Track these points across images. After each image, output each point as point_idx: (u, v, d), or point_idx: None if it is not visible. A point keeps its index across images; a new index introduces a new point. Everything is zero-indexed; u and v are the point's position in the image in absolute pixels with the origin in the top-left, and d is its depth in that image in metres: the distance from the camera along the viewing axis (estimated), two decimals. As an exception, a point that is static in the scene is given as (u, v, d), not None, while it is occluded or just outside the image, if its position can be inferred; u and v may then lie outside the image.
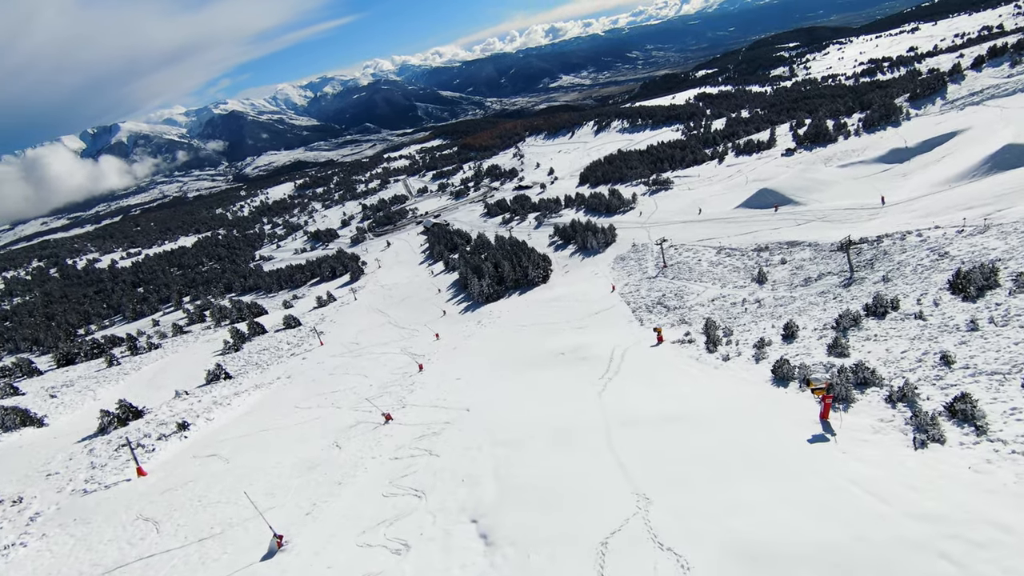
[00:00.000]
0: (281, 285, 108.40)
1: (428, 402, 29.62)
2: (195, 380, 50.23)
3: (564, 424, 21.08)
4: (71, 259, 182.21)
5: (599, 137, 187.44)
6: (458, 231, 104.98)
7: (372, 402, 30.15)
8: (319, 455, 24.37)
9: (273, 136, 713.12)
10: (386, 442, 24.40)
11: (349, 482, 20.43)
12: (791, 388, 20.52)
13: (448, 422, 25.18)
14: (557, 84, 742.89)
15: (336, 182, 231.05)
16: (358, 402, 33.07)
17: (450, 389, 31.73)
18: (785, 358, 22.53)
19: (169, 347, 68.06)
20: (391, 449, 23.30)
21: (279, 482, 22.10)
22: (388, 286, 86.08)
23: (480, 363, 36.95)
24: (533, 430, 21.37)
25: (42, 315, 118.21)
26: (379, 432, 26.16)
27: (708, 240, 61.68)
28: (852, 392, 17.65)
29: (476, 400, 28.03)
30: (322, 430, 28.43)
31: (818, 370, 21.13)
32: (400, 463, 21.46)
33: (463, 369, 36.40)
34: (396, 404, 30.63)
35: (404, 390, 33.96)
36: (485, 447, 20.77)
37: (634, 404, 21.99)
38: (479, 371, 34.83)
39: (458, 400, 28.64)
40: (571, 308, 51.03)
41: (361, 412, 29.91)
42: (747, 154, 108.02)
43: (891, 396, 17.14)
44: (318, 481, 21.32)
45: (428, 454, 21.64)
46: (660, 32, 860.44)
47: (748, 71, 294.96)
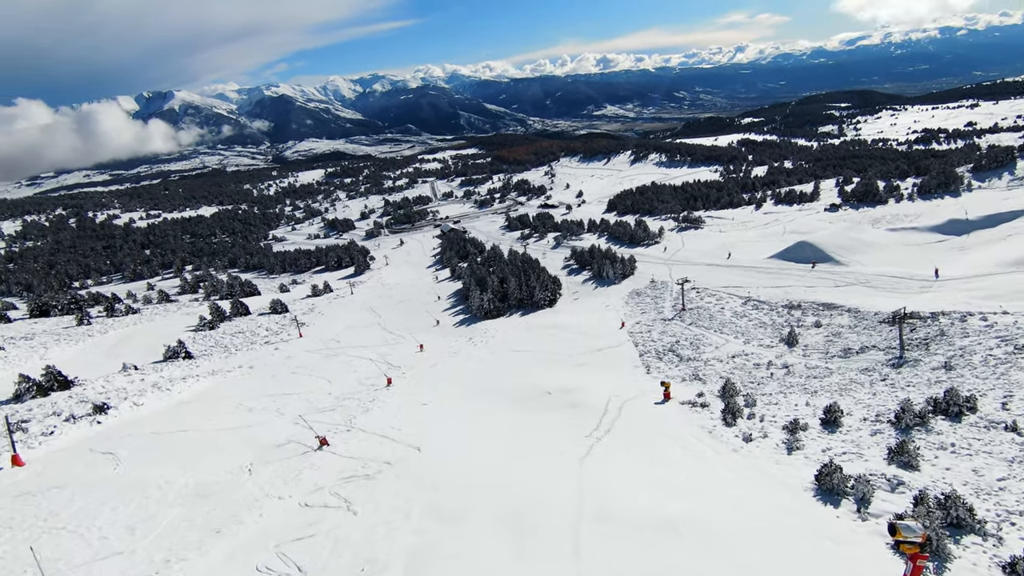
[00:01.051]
0: (284, 268, 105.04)
1: (378, 429, 24.60)
2: (156, 354, 46.01)
3: (524, 500, 15.85)
4: (92, 212, 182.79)
5: (634, 167, 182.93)
6: (473, 240, 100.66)
7: (309, 420, 25.18)
8: (221, 479, 19.44)
9: (317, 124, 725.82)
10: (307, 476, 19.40)
11: (230, 533, 15.39)
12: (845, 509, 14.87)
13: (389, 463, 20.09)
14: (601, 113, 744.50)
15: (366, 175, 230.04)
16: (306, 412, 28.19)
17: (410, 416, 26.70)
18: (832, 459, 17.00)
19: (147, 314, 64.30)
20: (307, 489, 18.28)
21: (153, 510, 17.20)
22: (389, 285, 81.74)
23: (455, 390, 31.89)
24: (483, 499, 16.19)
25: (45, 263, 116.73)
26: (307, 460, 21.19)
27: (735, 288, 56.05)
28: (944, 541, 12.03)
29: (433, 437, 22.95)
30: (246, 443, 23.55)
31: (880, 484, 15.59)
32: (306, 514, 16.41)
33: (434, 393, 31.38)
34: (342, 425, 25.66)
35: (360, 407, 29.01)
36: (414, 513, 15.63)
37: (622, 487, 16.65)
38: (450, 399, 29.76)
39: (413, 433, 23.58)
40: (573, 340, 45.74)
41: (301, 427, 24.99)
42: (787, 204, 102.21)
43: (1013, 566, 11.24)
44: (196, 521, 16.35)
45: (346, 507, 16.57)
46: (710, 76, 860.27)
47: (795, 124, 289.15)
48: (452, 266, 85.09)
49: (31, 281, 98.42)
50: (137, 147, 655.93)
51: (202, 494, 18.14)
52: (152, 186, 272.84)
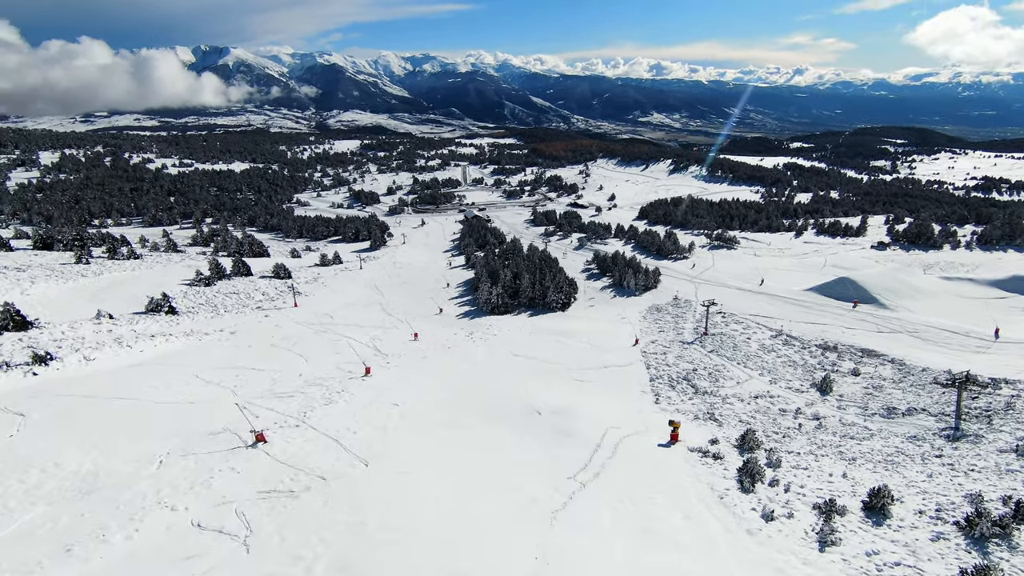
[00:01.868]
0: (301, 233, 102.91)
1: (332, 429, 21.11)
2: (139, 304, 43.58)
3: (468, 569, 12.06)
4: (128, 154, 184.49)
5: (672, 177, 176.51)
6: (495, 229, 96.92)
7: (263, 406, 21.87)
8: (121, 470, 16.17)
9: (364, 97, 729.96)
10: (220, 483, 15.98)
11: (80, 555, 12.01)
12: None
13: (324, 478, 16.52)
14: (647, 119, 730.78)
15: (400, 151, 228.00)
16: (263, 395, 24.92)
17: (374, 418, 23.17)
18: (881, 572, 12.78)
19: (148, 261, 62.33)
20: (211, 501, 14.83)
21: (12, 505, 13.97)
22: (401, 264, 78.59)
23: (435, 392, 28.24)
24: (416, 557, 12.45)
25: (72, 196, 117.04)
26: (232, 459, 17.79)
27: (765, 318, 51.21)
28: None
29: (388, 450, 19.36)
30: (177, 425, 20.31)
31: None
32: (190, 540, 12.96)
33: (411, 392, 27.80)
34: (294, 417, 22.25)
35: (324, 397, 25.61)
36: (319, 568, 11.97)
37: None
38: (427, 403, 26.13)
39: (368, 441, 20.05)
40: (579, 351, 41.70)
41: (246, 413, 21.63)
42: (830, 235, 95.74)
43: None
44: (55, 528, 13.01)
45: (242, 539, 13.04)
46: (764, 95, 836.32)
47: (847, 155, 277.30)
48: (468, 254, 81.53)
49: (52, 213, 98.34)
50: (188, 97, 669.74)
51: (86, 489, 14.87)
52: (193, 136, 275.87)
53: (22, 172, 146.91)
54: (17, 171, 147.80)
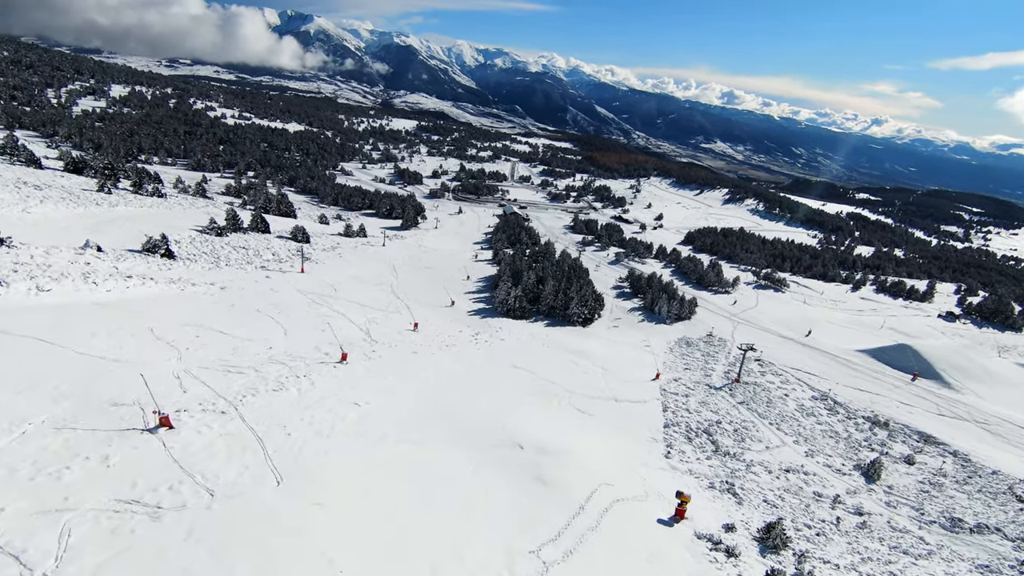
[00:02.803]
0: (336, 201, 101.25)
1: (263, 424, 17.33)
2: (138, 242, 41.28)
3: None
4: (193, 99, 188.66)
5: (726, 207, 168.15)
6: (531, 229, 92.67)
7: (206, 379, 18.37)
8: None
9: (432, 81, 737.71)
10: (71, 477, 12.36)
11: None
12: None
13: (213, 494, 12.66)
14: (709, 146, 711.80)
15: (454, 138, 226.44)
16: (207, 365, 21.47)
17: (320, 418, 19.31)
18: None
19: (170, 202, 60.87)
20: (38, 506, 11.11)
21: None
22: (426, 248, 75.30)
23: (410, 396, 24.24)
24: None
25: (127, 130, 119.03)
26: (115, 444, 14.15)
27: (808, 374, 45.32)
28: None
29: (316, 468, 15.41)
30: (81, 386, 16.92)
31: None
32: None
33: (382, 392, 23.89)
34: (226, 400, 18.62)
35: (278, 381, 21.98)
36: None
37: None
38: (392, 409, 22.15)
39: (300, 446, 16.22)
40: (591, 375, 37.03)
41: (181, 385, 18.13)
42: (891, 296, 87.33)
43: None
44: None
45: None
46: (835, 140, 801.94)
47: (916, 214, 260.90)
48: (497, 249, 77.58)
49: (103, 141, 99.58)
50: (266, 58, 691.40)
51: None
52: (258, 93, 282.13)
53: (90, 100, 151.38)
54: (86, 99, 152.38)
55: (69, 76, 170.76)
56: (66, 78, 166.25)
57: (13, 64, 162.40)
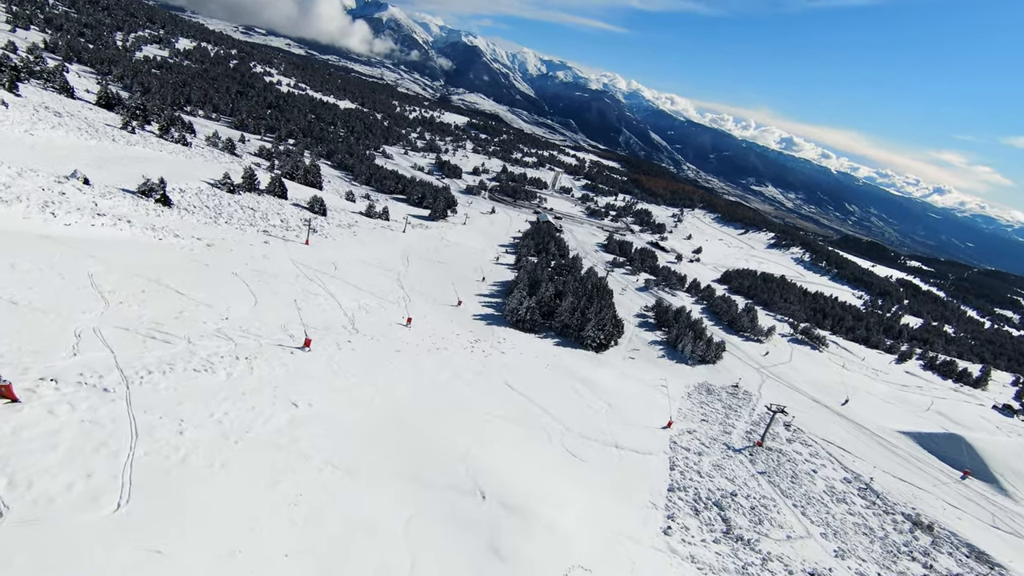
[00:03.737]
0: (369, 181, 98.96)
1: (152, 412, 13.49)
2: (137, 183, 38.62)
3: None
4: (254, 63, 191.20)
5: (769, 251, 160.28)
6: (561, 240, 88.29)
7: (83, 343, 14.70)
8: None
9: (492, 84, 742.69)
10: None
11: None
12: None
13: (2, 514, 8.59)
14: (759, 189, 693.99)
15: (502, 139, 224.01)
16: (133, 325, 17.87)
17: (235, 415, 15.40)
18: None
19: (193, 152, 58.78)
20: None
21: None
22: (448, 242, 71.72)
23: (365, 406, 20.23)
24: None
25: (180, 80, 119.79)
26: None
27: (841, 450, 39.66)
28: None
29: (185, 489, 11.43)
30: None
31: None
32: None
33: (333, 395, 19.92)
34: (126, 375, 14.82)
35: (209, 358, 18.20)
36: None
37: None
38: (337, 420, 18.12)
39: (184, 453, 12.30)
40: (593, 412, 32.39)
41: (76, 346, 14.51)
42: (940, 375, 79.48)
43: None
44: None
45: None
46: (892, 203, 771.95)
47: (970, 291, 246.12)
48: (521, 255, 73.49)
49: (152, 86, 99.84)
50: (337, 38, 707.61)
51: None
52: (319, 67, 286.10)
53: (155, 48, 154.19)
54: (151, 46, 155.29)
55: (141, 23, 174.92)
56: (137, 24, 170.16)
57: (90, 3, 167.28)
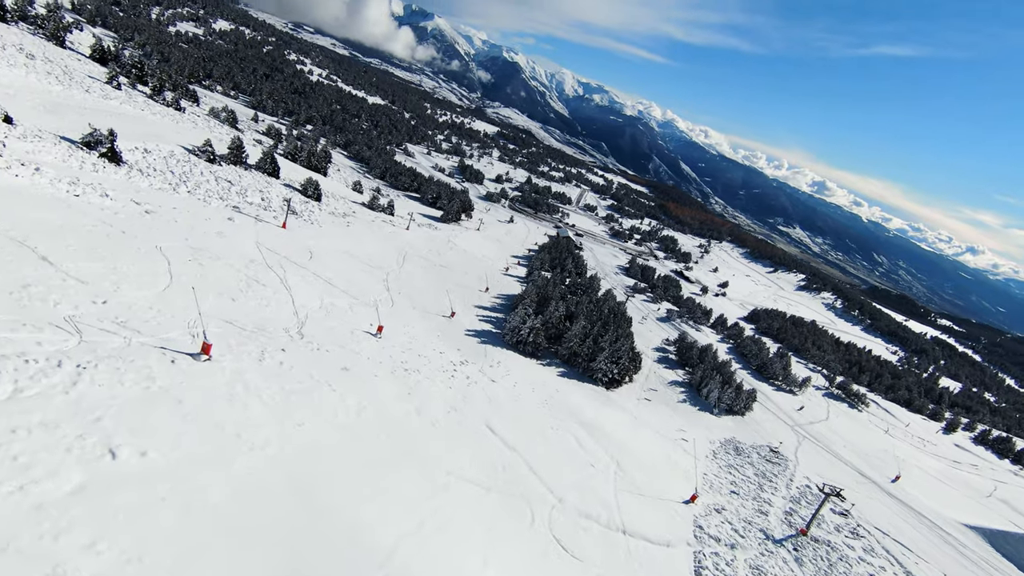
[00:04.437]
0: (383, 175, 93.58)
1: None
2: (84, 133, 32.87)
3: None
4: (289, 52, 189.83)
5: (799, 294, 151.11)
6: (579, 258, 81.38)
7: None
8: None
9: (528, 101, 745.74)
10: None
11: None
12: None
13: None
14: (786, 230, 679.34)
15: (529, 152, 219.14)
16: None
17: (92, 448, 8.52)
18: None
19: (182, 117, 53.35)
20: None
21: None
22: (455, 247, 65.35)
23: (244, 466, 13.42)
24: None
25: (205, 56, 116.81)
26: None
27: (900, 545, 31.66)
28: None
29: None
30: None
31: None
32: None
33: (195, 440, 13.20)
34: None
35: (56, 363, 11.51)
36: None
37: None
38: (177, 497, 11.34)
39: None
40: (597, 473, 25.19)
41: None
42: (996, 453, 70.09)
43: None
44: None
45: None
46: (922, 258, 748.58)
47: (1005, 357, 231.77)
48: (533, 268, 66.80)
49: (173, 56, 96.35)
50: (381, 42, 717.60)
51: None
52: (355, 63, 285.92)
53: (190, 26, 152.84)
54: (187, 23, 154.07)
55: (182, 2, 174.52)
56: (177, 2, 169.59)
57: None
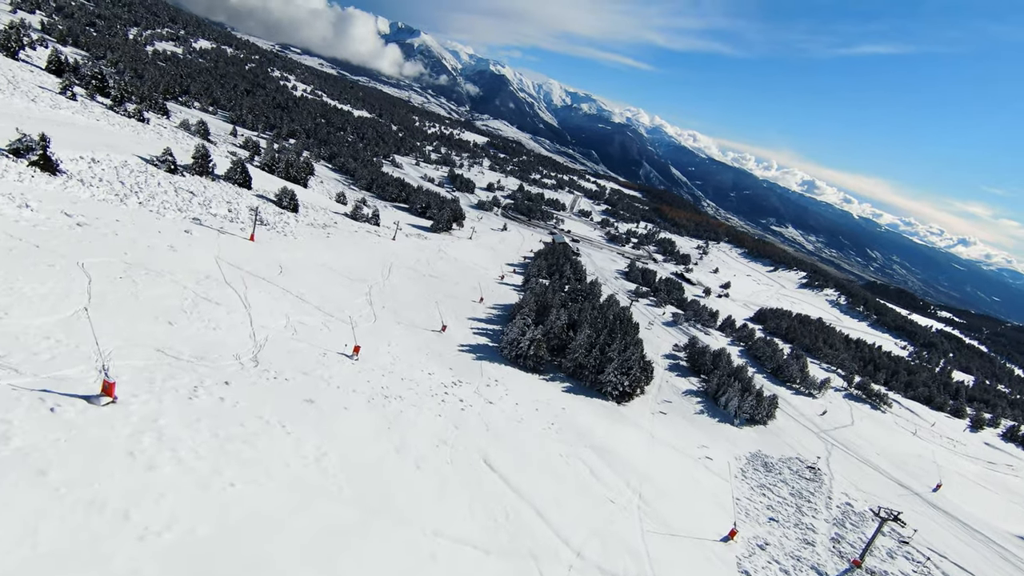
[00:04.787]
0: (370, 186, 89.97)
1: None
2: (30, 145, 28.94)
3: None
4: (272, 69, 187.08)
5: (802, 292, 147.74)
6: (578, 263, 77.60)
7: None
8: None
9: (516, 112, 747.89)
10: None
11: None
12: None
13: None
14: (779, 230, 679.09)
15: (520, 160, 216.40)
16: None
17: None
18: None
19: (145, 128, 49.55)
20: None
21: None
22: (446, 256, 61.50)
23: (121, 563, 9.21)
24: None
25: (184, 74, 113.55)
26: None
27: (959, 568, 27.56)
28: None
29: None
30: None
31: None
32: None
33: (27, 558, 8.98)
34: None
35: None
36: None
37: None
38: None
39: None
40: (616, 510, 21.10)
41: None
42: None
43: None
44: None
45: None
46: (915, 252, 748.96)
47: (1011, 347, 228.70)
48: (530, 275, 63.00)
49: (147, 74, 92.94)
50: (368, 60, 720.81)
51: None
52: (341, 81, 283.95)
53: (169, 45, 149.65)
54: (166, 43, 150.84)
55: (162, 22, 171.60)
56: (157, 22, 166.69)
57: (114, 4, 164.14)
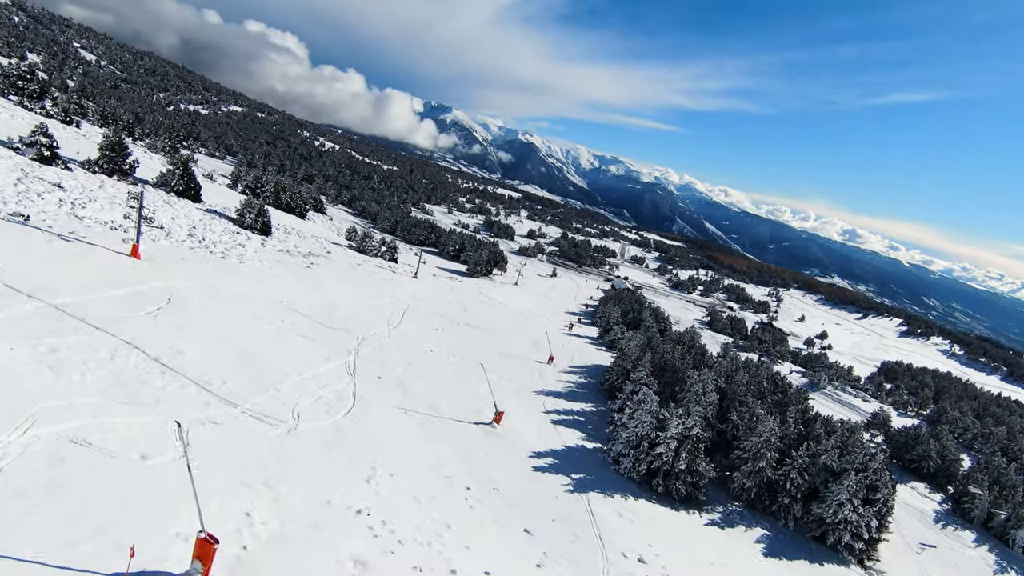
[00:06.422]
0: (394, 229, 75.96)
1: None
2: None
3: None
4: (301, 130, 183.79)
5: (904, 340, 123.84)
6: (658, 311, 59.92)
7: None
8: None
9: (547, 177, 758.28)
10: None
11: None
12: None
13: None
14: (825, 280, 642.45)
15: (558, 211, 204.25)
16: None
17: None
18: None
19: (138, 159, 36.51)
20: None
21: None
22: (486, 299, 45.10)
23: None
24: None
25: (197, 123, 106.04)
26: None
27: None
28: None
29: None
30: None
31: None
32: None
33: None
34: None
35: None
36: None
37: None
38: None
39: None
40: None
41: None
42: None
43: None
44: None
45: None
46: (977, 298, 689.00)
47: None
48: (607, 326, 45.78)
49: (160, 121, 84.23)
50: (404, 135, 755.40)
51: None
52: (375, 143, 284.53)
53: (197, 107, 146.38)
54: (194, 105, 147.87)
55: (195, 91, 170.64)
56: (187, 89, 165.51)
57: (147, 72, 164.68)
